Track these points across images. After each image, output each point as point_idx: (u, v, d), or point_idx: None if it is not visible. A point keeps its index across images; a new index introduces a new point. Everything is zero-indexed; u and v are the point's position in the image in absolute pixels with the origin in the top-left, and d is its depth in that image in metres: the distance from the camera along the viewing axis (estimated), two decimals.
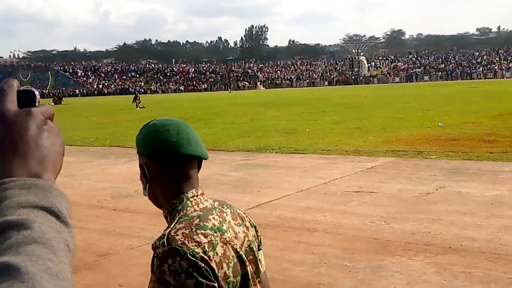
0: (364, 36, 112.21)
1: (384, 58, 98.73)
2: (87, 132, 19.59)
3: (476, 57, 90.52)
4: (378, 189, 7.90)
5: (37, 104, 0.67)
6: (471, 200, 6.97)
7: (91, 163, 12.16)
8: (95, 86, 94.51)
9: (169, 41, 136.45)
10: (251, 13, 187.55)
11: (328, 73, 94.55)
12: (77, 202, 8.20)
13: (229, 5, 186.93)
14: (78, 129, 21.17)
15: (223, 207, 1.50)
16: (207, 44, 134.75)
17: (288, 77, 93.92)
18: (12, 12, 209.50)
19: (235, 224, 1.48)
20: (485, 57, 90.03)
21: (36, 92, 0.68)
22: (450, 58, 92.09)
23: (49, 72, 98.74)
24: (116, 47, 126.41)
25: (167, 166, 1.45)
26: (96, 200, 8.19)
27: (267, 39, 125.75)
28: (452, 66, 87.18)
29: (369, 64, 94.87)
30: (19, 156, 0.62)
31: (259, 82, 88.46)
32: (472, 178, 8.35)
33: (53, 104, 51.55)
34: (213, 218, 1.42)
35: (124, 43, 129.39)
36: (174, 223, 1.39)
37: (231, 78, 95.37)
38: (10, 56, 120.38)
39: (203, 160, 1.52)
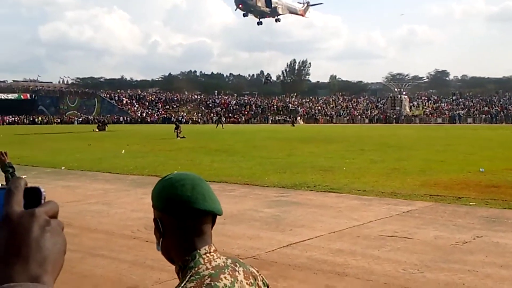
0: (407, 75, 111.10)
1: (427, 98, 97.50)
2: (127, 160, 19.97)
3: None
4: (413, 235, 7.74)
5: (43, 201, 0.70)
6: (509, 252, 6.75)
7: (128, 192, 12.34)
8: (139, 114, 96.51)
9: (212, 73, 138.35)
10: (294, 48, 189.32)
11: (369, 111, 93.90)
12: (111, 231, 8.34)
13: (273, 40, 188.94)
14: (118, 156, 21.61)
15: (236, 265, 1.48)
16: (250, 77, 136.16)
17: (328, 113, 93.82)
18: (64, 40, 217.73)
19: (247, 283, 1.45)
20: None
21: (43, 189, 0.71)
22: (495, 101, 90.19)
23: (96, 99, 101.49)
24: (161, 77, 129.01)
25: (181, 221, 1.46)
26: (129, 230, 8.30)
27: (309, 75, 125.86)
28: (497, 109, 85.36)
29: (411, 104, 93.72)
30: (20, 259, 0.65)
31: (299, 117, 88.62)
32: None
33: (97, 130, 52.83)
34: (225, 277, 1.40)
35: (170, 73, 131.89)
36: (185, 282, 1.38)
37: (271, 111, 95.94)
38: (59, 82, 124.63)
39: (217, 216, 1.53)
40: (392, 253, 6.82)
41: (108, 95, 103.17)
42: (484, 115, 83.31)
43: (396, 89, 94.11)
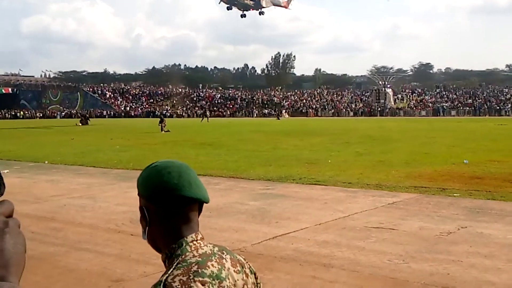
0: (391, 68, 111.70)
1: (411, 91, 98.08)
2: (111, 154, 19.82)
3: (505, 93, 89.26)
4: (398, 226, 7.78)
5: None
6: (493, 242, 6.81)
7: (112, 186, 12.25)
8: (123, 108, 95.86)
9: (197, 66, 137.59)
10: (279, 42, 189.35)
11: (354, 104, 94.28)
12: (95, 225, 8.27)
13: (258, 33, 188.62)
14: (102, 150, 21.44)
15: (223, 253, 1.46)
16: (234, 71, 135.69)
17: (314, 106, 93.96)
18: (46, 33, 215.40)
19: (234, 271, 1.43)
20: None
21: None
22: (478, 93, 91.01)
23: (79, 93, 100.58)
24: (145, 71, 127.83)
25: (168, 209, 1.43)
26: (114, 224, 8.23)
27: (293, 68, 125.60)
28: (480, 101, 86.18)
29: (396, 97, 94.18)
30: None
31: (284, 110, 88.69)
32: (495, 219, 8.17)
33: (80, 124, 52.32)
34: (212, 265, 1.38)
35: (153, 67, 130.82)
36: (171, 269, 1.35)
37: (256, 105, 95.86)
38: (41, 76, 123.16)
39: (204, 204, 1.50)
40: (377, 244, 6.85)
41: (91, 89, 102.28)
42: (467, 108, 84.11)
43: (380, 82, 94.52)
